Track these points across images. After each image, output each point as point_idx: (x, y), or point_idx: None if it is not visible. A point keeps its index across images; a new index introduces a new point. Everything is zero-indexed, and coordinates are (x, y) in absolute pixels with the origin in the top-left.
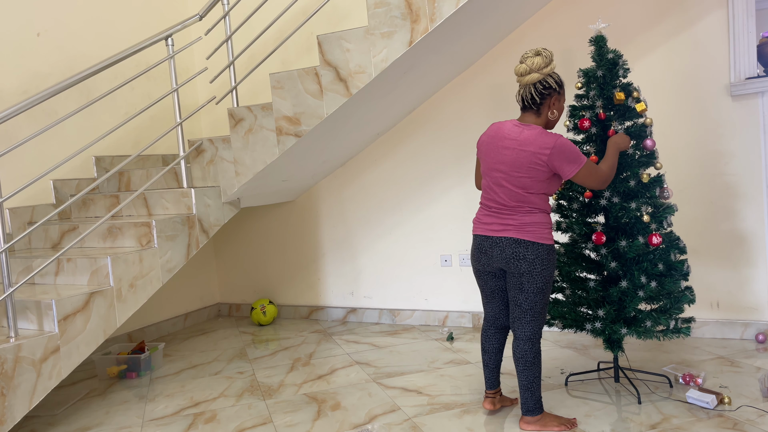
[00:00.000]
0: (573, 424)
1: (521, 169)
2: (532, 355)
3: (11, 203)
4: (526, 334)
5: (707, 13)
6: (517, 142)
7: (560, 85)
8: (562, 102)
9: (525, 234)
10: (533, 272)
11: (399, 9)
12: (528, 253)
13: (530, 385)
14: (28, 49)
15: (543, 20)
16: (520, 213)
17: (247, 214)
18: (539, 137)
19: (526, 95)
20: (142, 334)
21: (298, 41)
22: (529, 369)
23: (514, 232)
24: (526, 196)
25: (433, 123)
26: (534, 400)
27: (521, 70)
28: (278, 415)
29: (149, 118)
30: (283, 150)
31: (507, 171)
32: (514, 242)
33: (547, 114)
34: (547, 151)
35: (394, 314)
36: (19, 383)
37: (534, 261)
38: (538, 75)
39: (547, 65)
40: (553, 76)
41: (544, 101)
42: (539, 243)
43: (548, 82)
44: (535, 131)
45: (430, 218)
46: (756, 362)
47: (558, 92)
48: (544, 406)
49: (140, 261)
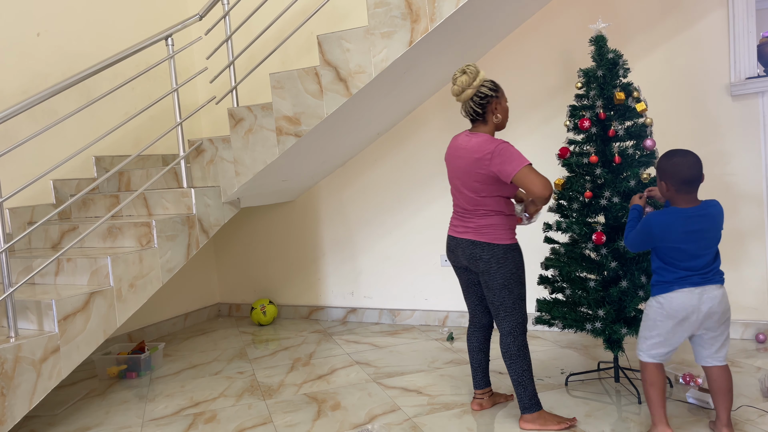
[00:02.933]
0: (572, 423)
1: (471, 175)
2: (515, 348)
3: (11, 203)
4: (505, 329)
5: (707, 13)
6: (466, 150)
7: (495, 89)
8: (503, 103)
9: (481, 236)
10: (490, 271)
11: (399, 9)
12: (484, 254)
13: (521, 380)
14: (28, 49)
15: (543, 20)
16: (476, 216)
17: (247, 214)
18: (483, 144)
19: (468, 110)
20: (142, 334)
21: (298, 41)
22: (515, 363)
23: (472, 234)
24: (480, 200)
25: (434, 123)
26: (528, 396)
27: (455, 91)
28: (278, 415)
29: (149, 118)
30: (283, 150)
31: (461, 177)
32: (472, 243)
33: (492, 119)
34: (488, 155)
35: (394, 314)
36: (19, 383)
37: (490, 260)
38: (471, 90)
39: (475, 79)
40: (486, 85)
41: (485, 110)
42: (494, 244)
43: (482, 92)
44: (481, 138)
45: (430, 218)
46: (756, 362)
47: (495, 97)
48: (544, 406)
49: (140, 261)
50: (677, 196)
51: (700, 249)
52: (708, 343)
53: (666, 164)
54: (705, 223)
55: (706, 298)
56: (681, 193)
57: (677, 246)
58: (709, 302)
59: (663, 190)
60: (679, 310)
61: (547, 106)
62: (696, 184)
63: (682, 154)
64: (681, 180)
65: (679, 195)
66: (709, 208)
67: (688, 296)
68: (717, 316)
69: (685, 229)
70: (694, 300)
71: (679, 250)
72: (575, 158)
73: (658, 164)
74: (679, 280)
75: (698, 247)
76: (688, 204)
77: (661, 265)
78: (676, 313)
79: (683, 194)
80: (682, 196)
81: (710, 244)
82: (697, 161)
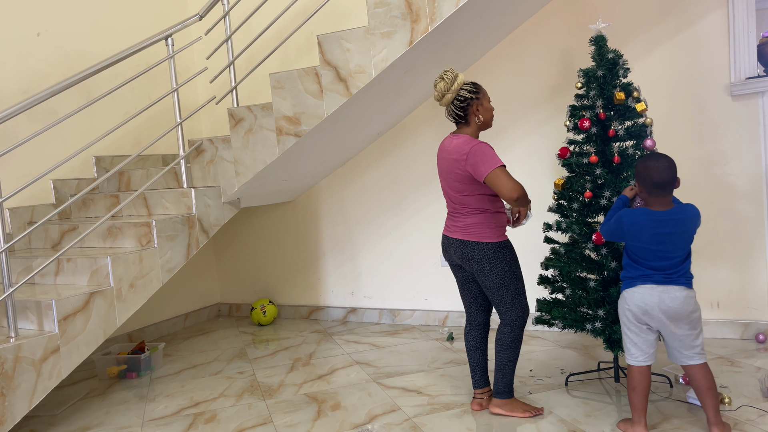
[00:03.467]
0: (538, 412)
1: (452, 175)
2: (509, 340)
3: (11, 203)
4: (506, 321)
5: (707, 13)
6: (447, 152)
7: (475, 91)
8: (486, 103)
9: (468, 235)
10: (483, 270)
11: (399, 9)
12: (474, 253)
13: (503, 367)
14: (28, 49)
15: (543, 20)
16: (462, 215)
17: (247, 214)
18: (462, 144)
19: (451, 114)
20: (142, 334)
21: (298, 41)
22: (504, 351)
23: (460, 233)
24: (462, 199)
25: (434, 123)
26: (504, 383)
27: (436, 96)
28: (278, 415)
29: (149, 118)
30: (283, 150)
31: (446, 178)
32: (462, 243)
33: (474, 120)
34: (464, 156)
35: (394, 314)
36: (19, 383)
37: (481, 260)
38: (450, 95)
39: (453, 83)
40: (465, 88)
41: (467, 112)
42: (482, 242)
43: (462, 95)
44: (461, 140)
45: (430, 218)
46: (756, 362)
47: (476, 98)
48: (544, 405)
49: (140, 261)
50: (650, 199)
51: (668, 251)
52: (678, 342)
53: (640, 167)
54: (675, 227)
55: (666, 298)
56: (653, 196)
57: (646, 246)
58: (669, 302)
59: (638, 192)
60: (639, 305)
61: (547, 106)
62: (668, 188)
63: (656, 158)
64: (652, 183)
65: (652, 197)
66: (681, 213)
67: (648, 292)
68: (681, 316)
69: (655, 231)
70: (654, 297)
71: (647, 250)
72: (575, 158)
73: (635, 167)
74: (642, 276)
75: (666, 249)
76: (661, 207)
77: (629, 262)
78: (636, 308)
79: (655, 197)
80: (654, 199)
81: (679, 247)
82: (670, 165)
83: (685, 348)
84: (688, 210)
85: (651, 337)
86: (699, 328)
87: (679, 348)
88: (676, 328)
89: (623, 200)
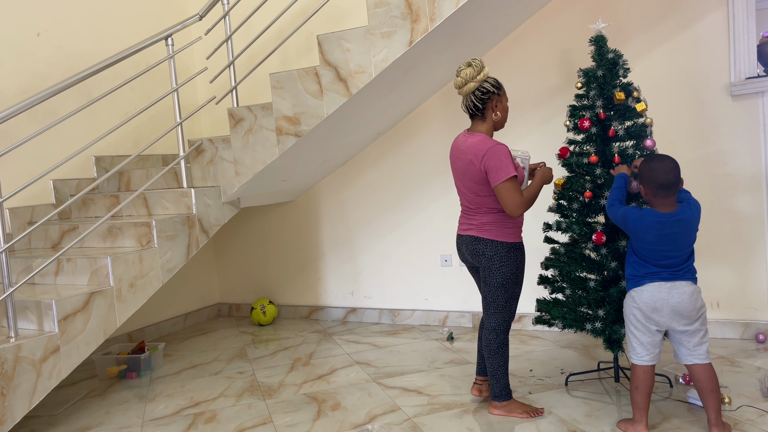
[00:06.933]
0: (538, 413)
1: (468, 175)
2: (496, 345)
3: (11, 203)
4: (491, 325)
5: (707, 13)
6: (462, 151)
7: (497, 87)
8: (504, 102)
9: (483, 232)
10: (492, 268)
11: (399, 9)
12: (487, 250)
13: (495, 372)
14: (28, 49)
15: (543, 20)
16: (479, 213)
17: (247, 214)
18: (479, 144)
19: (468, 104)
20: (142, 334)
21: (298, 41)
22: (493, 357)
23: (475, 230)
24: (480, 199)
25: (434, 122)
26: (500, 387)
27: (458, 83)
28: (278, 415)
29: (149, 118)
30: (283, 150)
31: (461, 178)
32: (475, 240)
33: (491, 116)
34: (481, 155)
35: (394, 314)
36: (19, 383)
37: (492, 257)
38: (474, 84)
39: (480, 72)
40: (489, 81)
41: (486, 106)
42: (497, 241)
43: (485, 87)
44: (477, 138)
45: (430, 218)
46: (756, 362)
47: (497, 94)
48: (543, 406)
49: (140, 261)
50: (654, 200)
51: (673, 250)
52: (685, 339)
53: (644, 168)
54: (679, 227)
55: (675, 293)
56: (658, 197)
57: (652, 247)
58: (677, 297)
59: (642, 193)
60: (648, 303)
61: (547, 106)
62: (673, 189)
63: (660, 159)
64: (658, 184)
65: (656, 199)
66: (684, 213)
67: (657, 289)
68: (688, 312)
69: (660, 233)
70: (663, 293)
71: (654, 250)
72: (575, 158)
73: (639, 168)
74: (649, 274)
75: (672, 248)
76: (665, 208)
77: (636, 260)
78: (646, 306)
79: (660, 198)
80: (659, 200)
81: (684, 245)
82: (675, 166)
83: (692, 347)
84: (690, 209)
85: (658, 336)
86: (705, 327)
87: (686, 346)
88: (683, 325)
89: (624, 178)
